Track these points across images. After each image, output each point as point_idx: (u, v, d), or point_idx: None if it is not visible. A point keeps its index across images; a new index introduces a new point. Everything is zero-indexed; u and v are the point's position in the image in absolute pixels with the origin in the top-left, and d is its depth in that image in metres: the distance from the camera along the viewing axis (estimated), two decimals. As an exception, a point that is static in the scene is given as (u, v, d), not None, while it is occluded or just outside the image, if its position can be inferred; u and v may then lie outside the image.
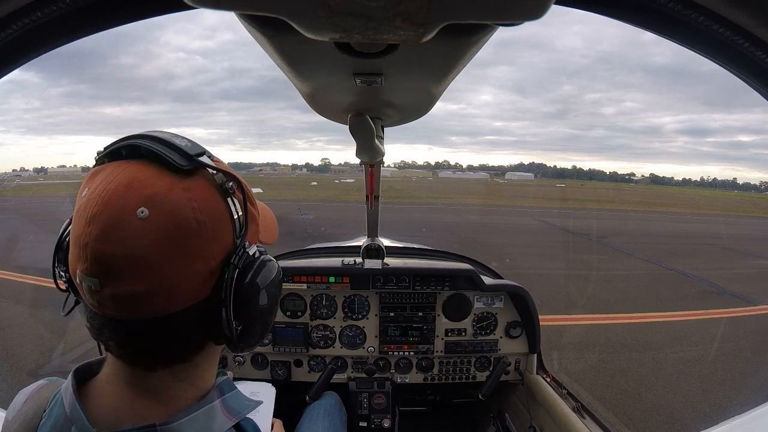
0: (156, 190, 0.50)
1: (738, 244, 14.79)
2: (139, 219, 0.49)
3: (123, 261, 0.49)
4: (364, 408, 2.13)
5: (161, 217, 0.50)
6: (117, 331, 0.54)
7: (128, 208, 0.49)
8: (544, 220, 19.35)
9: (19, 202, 18.60)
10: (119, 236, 0.49)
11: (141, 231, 0.49)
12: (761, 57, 0.55)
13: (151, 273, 0.50)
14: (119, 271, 0.49)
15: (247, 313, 0.57)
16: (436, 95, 0.76)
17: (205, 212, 0.53)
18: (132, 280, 0.49)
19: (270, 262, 0.61)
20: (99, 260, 0.49)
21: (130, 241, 0.49)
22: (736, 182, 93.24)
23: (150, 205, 0.49)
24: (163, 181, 0.51)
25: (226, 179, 0.57)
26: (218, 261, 0.55)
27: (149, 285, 0.50)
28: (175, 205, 0.51)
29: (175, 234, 0.50)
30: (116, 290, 0.50)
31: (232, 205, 0.57)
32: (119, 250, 0.49)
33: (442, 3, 0.35)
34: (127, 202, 0.49)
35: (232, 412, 0.64)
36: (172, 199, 0.51)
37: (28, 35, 0.58)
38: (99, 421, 0.57)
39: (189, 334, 0.57)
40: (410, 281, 2.11)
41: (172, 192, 0.51)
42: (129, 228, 0.49)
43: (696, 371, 4.97)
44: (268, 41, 0.51)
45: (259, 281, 0.58)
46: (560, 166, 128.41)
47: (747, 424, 1.30)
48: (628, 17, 0.57)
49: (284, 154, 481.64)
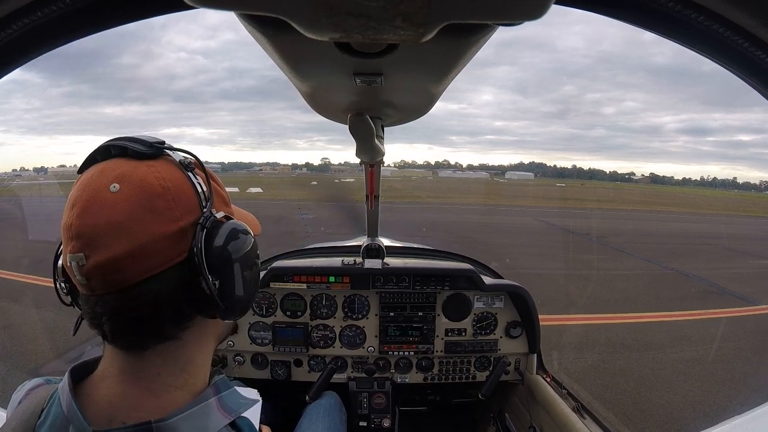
0: (124, 170, 0.58)
1: (738, 243, 14.80)
2: (112, 193, 0.56)
3: (101, 229, 0.55)
4: (364, 408, 2.13)
5: (130, 188, 0.57)
6: (107, 306, 0.58)
7: (102, 187, 0.56)
8: (544, 220, 19.36)
9: (19, 202, 18.61)
10: (96, 209, 0.56)
11: (114, 201, 0.56)
12: (761, 57, 0.55)
13: (127, 235, 0.55)
14: (99, 239, 0.55)
15: (222, 269, 0.61)
16: (436, 95, 0.76)
17: (168, 180, 0.59)
18: (111, 245, 0.55)
19: (237, 224, 0.65)
20: (82, 234, 0.55)
21: (106, 210, 0.55)
22: (736, 182, 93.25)
23: (120, 180, 0.57)
24: (127, 164, 0.59)
25: (186, 158, 0.64)
26: (187, 223, 0.59)
27: (127, 247, 0.55)
28: (142, 177, 0.58)
29: (143, 198, 0.57)
30: (99, 258, 0.55)
31: (194, 178, 0.62)
32: (97, 220, 0.55)
33: (442, 3, 0.35)
34: (100, 182, 0.57)
35: (228, 410, 0.65)
36: (138, 173, 0.58)
37: (28, 35, 0.58)
38: (94, 419, 0.58)
39: (172, 298, 0.59)
40: (410, 281, 2.11)
41: (137, 168, 0.59)
42: (104, 201, 0.56)
43: (696, 371, 4.97)
44: (268, 41, 0.51)
45: (229, 240, 0.62)
46: (560, 165, 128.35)
47: (747, 424, 1.31)
48: (627, 17, 0.57)
49: (284, 154, 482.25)
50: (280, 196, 26.91)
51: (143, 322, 0.59)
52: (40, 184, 22.17)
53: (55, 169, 57.00)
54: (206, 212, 0.61)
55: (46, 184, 22.27)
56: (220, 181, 0.71)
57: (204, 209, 0.61)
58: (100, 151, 0.62)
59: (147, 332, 0.60)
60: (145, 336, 0.60)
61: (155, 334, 0.61)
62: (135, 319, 0.58)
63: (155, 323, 0.60)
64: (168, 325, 0.61)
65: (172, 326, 0.61)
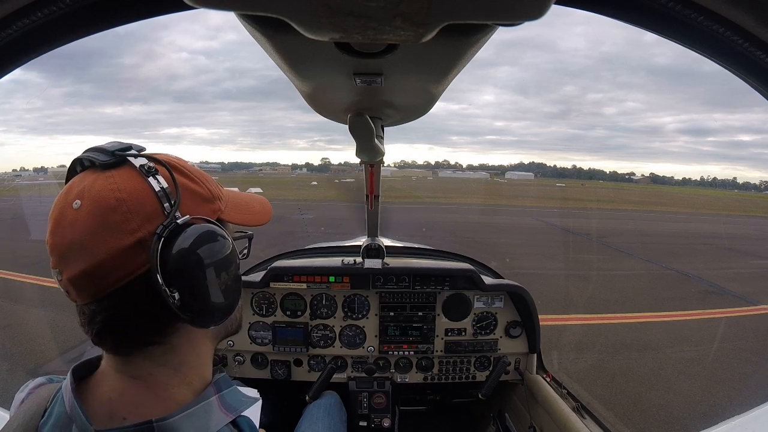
0: (85, 184, 0.59)
1: (738, 243, 14.79)
2: (74, 210, 0.58)
3: (66, 248, 0.57)
4: (364, 407, 2.12)
5: (89, 203, 0.57)
6: (85, 315, 0.60)
7: (67, 205, 0.58)
8: (544, 220, 19.35)
9: (18, 202, 18.61)
10: (61, 228, 0.58)
11: (75, 219, 0.57)
12: (761, 57, 0.55)
13: (86, 253, 0.56)
14: (65, 257, 0.58)
15: (186, 276, 0.58)
16: (436, 95, 0.76)
17: (124, 190, 0.58)
18: (75, 263, 0.57)
19: (201, 227, 0.60)
20: (54, 251, 0.59)
21: (68, 229, 0.57)
22: (736, 182, 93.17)
23: (80, 197, 0.58)
24: (90, 177, 0.60)
25: (147, 162, 0.62)
26: (146, 233, 0.58)
27: (87, 264, 0.56)
28: (98, 191, 0.58)
29: (99, 213, 0.57)
30: (69, 274, 0.58)
31: (154, 182, 0.60)
32: (62, 239, 0.58)
33: (442, 3, 0.35)
34: (66, 199, 0.59)
35: (229, 408, 0.65)
36: (96, 187, 0.59)
37: (28, 35, 0.58)
38: (96, 417, 0.58)
39: (142, 308, 0.59)
40: (410, 281, 2.11)
41: (96, 182, 0.59)
42: (67, 219, 0.58)
43: (696, 371, 4.97)
44: (268, 41, 0.51)
45: (192, 245, 0.58)
46: (560, 165, 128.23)
47: (747, 424, 1.31)
48: (627, 17, 0.57)
49: (285, 154, 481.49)
50: (280, 196, 26.89)
51: (116, 331, 0.60)
52: (40, 185, 22.18)
53: (55, 169, 56.96)
54: (168, 218, 0.58)
55: (46, 184, 22.28)
56: (202, 176, 0.68)
57: (168, 214, 0.59)
58: (73, 163, 0.64)
59: (123, 339, 0.62)
60: (123, 342, 0.62)
61: (134, 341, 0.62)
62: (108, 328, 0.60)
63: (130, 331, 0.61)
64: (145, 333, 0.61)
65: (152, 333, 0.62)
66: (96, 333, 0.60)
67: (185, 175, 0.65)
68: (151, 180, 0.60)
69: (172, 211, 0.59)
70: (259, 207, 0.79)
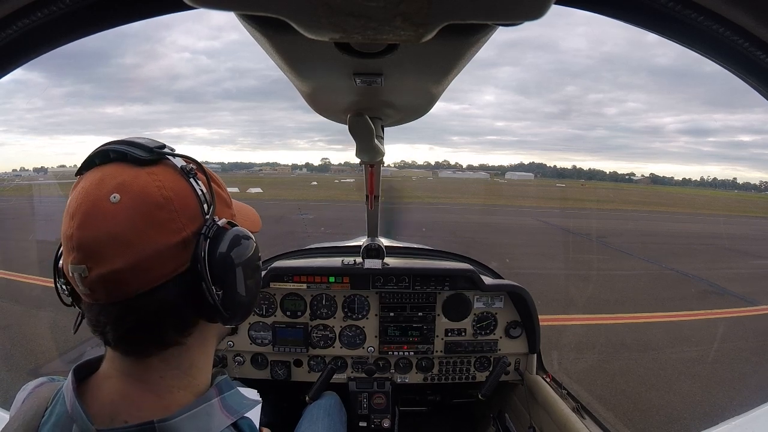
0: (124, 178, 0.57)
1: (738, 244, 14.80)
2: (112, 203, 0.55)
3: (103, 242, 0.54)
4: (364, 408, 2.12)
5: (131, 198, 0.55)
6: (110, 315, 0.57)
7: (102, 197, 0.55)
8: (544, 220, 19.35)
9: (18, 202, 18.60)
10: (97, 221, 0.54)
11: (115, 212, 0.54)
12: (761, 57, 0.55)
13: (129, 248, 0.54)
14: (101, 252, 0.54)
15: (225, 277, 0.61)
16: (436, 95, 0.76)
17: (170, 189, 0.58)
18: (113, 258, 0.54)
19: (239, 230, 0.64)
20: (83, 246, 0.54)
21: (107, 222, 0.54)
22: (736, 182, 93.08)
23: (120, 191, 0.55)
24: (130, 171, 0.58)
25: (187, 164, 0.62)
26: (190, 233, 0.59)
27: (129, 260, 0.54)
28: (142, 187, 0.56)
29: (145, 210, 0.55)
30: (101, 271, 0.54)
31: (195, 184, 0.61)
32: (98, 233, 0.54)
33: (442, 3, 0.35)
34: (100, 192, 0.56)
35: (231, 411, 0.65)
36: (139, 182, 0.57)
37: (28, 35, 0.58)
38: (98, 417, 0.58)
39: (175, 307, 0.59)
40: (410, 281, 2.11)
41: (138, 177, 0.57)
42: (104, 212, 0.54)
43: (696, 371, 4.97)
44: (268, 41, 0.51)
45: (231, 247, 0.61)
46: (560, 165, 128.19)
47: (747, 425, 1.31)
48: (627, 17, 0.57)
49: (285, 154, 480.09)
50: (280, 197, 26.90)
51: (146, 331, 0.59)
52: (40, 185, 22.19)
53: (55, 170, 56.93)
54: (209, 220, 0.60)
55: (46, 184, 22.29)
56: (222, 182, 0.71)
57: (206, 216, 0.61)
58: (99, 154, 0.60)
59: (150, 340, 0.61)
60: (147, 344, 0.61)
61: (158, 342, 0.61)
62: (138, 329, 0.58)
63: (158, 332, 0.60)
64: (171, 333, 0.61)
65: (175, 334, 0.62)
66: (123, 334, 0.59)
67: (213, 179, 0.67)
68: (192, 181, 0.61)
69: (211, 214, 0.61)
70: (253, 215, 0.81)
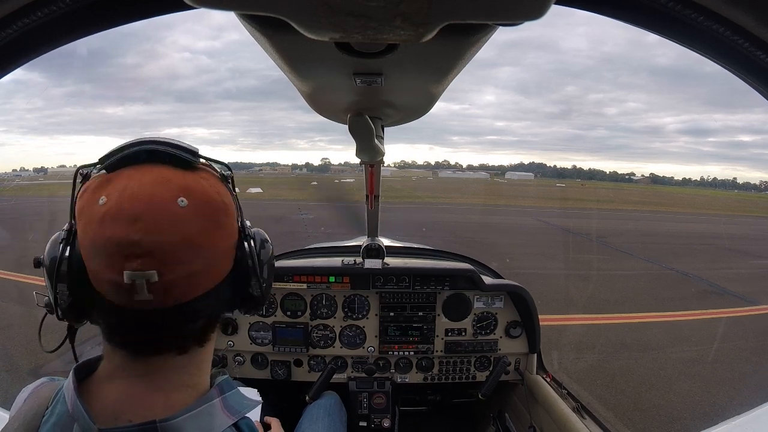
0: (186, 182, 0.57)
1: (738, 243, 14.79)
2: (181, 207, 0.55)
3: (176, 246, 0.54)
4: (364, 408, 2.12)
5: (198, 203, 0.57)
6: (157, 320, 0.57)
7: (169, 201, 0.54)
8: (544, 220, 19.36)
9: (19, 202, 18.61)
10: (169, 226, 0.54)
11: (185, 217, 0.55)
12: (761, 57, 0.55)
13: (201, 252, 0.57)
14: (176, 257, 0.54)
15: (264, 272, 0.67)
16: (436, 95, 0.76)
17: (223, 194, 0.61)
18: (187, 262, 0.55)
19: (261, 231, 0.71)
20: (156, 252, 0.53)
21: (180, 227, 0.54)
22: (736, 182, 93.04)
23: (186, 195, 0.56)
24: (186, 175, 0.58)
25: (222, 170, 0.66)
26: (236, 236, 0.64)
27: (203, 262, 0.57)
28: (205, 191, 0.58)
29: (210, 214, 0.58)
30: (174, 275, 0.54)
31: (232, 189, 0.65)
32: (172, 237, 0.54)
33: (442, 3, 0.35)
34: (165, 195, 0.55)
35: (232, 411, 0.65)
36: (200, 187, 0.58)
37: (28, 35, 0.58)
38: (101, 416, 0.58)
39: (221, 307, 0.65)
40: (410, 281, 2.11)
41: (197, 182, 0.58)
42: (175, 217, 0.54)
43: (696, 371, 4.97)
44: (268, 41, 0.51)
45: (262, 246, 0.67)
46: (560, 165, 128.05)
47: (747, 425, 1.31)
48: (627, 17, 0.57)
49: (285, 154, 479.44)
50: (280, 197, 26.90)
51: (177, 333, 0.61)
52: (40, 185, 22.22)
53: (55, 170, 56.92)
54: (241, 222, 0.65)
55: (47, 184, 22.33)
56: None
57: (239, 219, 0.65)
58: (143, 153, 0.57)
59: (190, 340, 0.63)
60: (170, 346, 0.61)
61: (198, 341, 0.64)
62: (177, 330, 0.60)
63: (203, 333, 0.63)
64: (208, 333, 0.65)
65: (211, 332, 0.65)
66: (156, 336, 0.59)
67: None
68: (230, 186, 0.65)
69: (242, 217, 0.65)
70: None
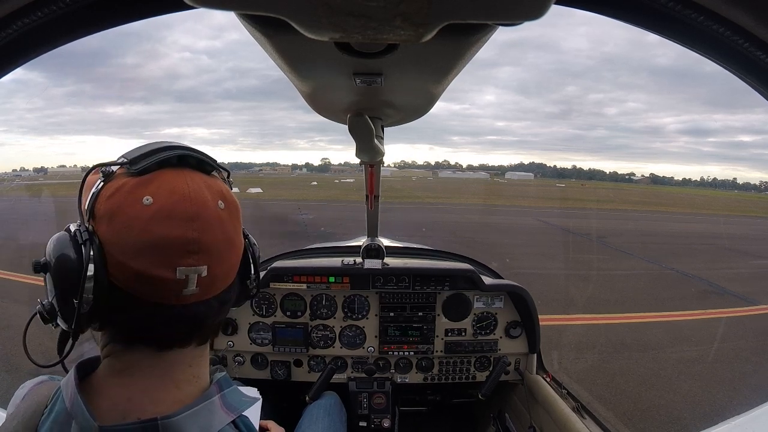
0: (219, 187, 0.65)
1: (738, 244, 14.80)
2: (221, 210, 0.62)
3: (222, 244, 0.62)
4: (364, 408, 2.12)
5: (229, 205, 0.64)
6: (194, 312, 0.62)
7: (213, 204, 0.62)
8: (544, 220, 19.36)
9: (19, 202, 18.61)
10: (215, 226, 0.61)
11: (225, 218, 0.63)
12: (761, 57, 0.55)
13: (235, 248, 0.66)
14: (220, 253, 0.62)
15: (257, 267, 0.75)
16: (436, 95, 0.76)
17: (235, 198, 0.68)
18: (229, 258, 0.64)
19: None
20: (209, 249, 0.60)
21: (223, 227, 0.62)
22: (736, 182, 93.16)
23: (222, 198, 0.63)
24: (215, 180, 0.66)
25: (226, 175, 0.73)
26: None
27: (236, 258, 0.67)
28: (231, 195, 0.66)
29: (237, 216, 0.66)
30: (220, 269, 0.62)
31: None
32: (219, 236, 0.61)
33: (442, 3, 0.35)
34: (208, 198, 0.61)
35: (231, 408, 0.65)
36: (227, 191, 0.66)
37: (28, 35, 0.58)
38: (108, 414, 0.57)
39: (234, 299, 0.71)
40: (410, 281, 2.11)
41: (223, 187, 0.66)
42: (219, 218, 0.62)
43: (696, 371, 4.97)
44: (268, 41, 0.51)
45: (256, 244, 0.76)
46: (560, 165, 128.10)
47: (747, 424, 1.30)
48: (627, 17, 0.57)
49: (285, 154, 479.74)
50: (280, 197, 26.89)
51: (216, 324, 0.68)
52: (40, 185, 22.24)
53: (55, 170, 56.97)
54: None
55: (46, 184, 22.35)
56: None
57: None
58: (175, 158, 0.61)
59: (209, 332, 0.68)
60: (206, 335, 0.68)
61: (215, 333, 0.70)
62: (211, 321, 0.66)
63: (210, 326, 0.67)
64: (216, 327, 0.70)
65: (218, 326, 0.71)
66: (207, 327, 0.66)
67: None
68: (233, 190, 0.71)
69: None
70: None
